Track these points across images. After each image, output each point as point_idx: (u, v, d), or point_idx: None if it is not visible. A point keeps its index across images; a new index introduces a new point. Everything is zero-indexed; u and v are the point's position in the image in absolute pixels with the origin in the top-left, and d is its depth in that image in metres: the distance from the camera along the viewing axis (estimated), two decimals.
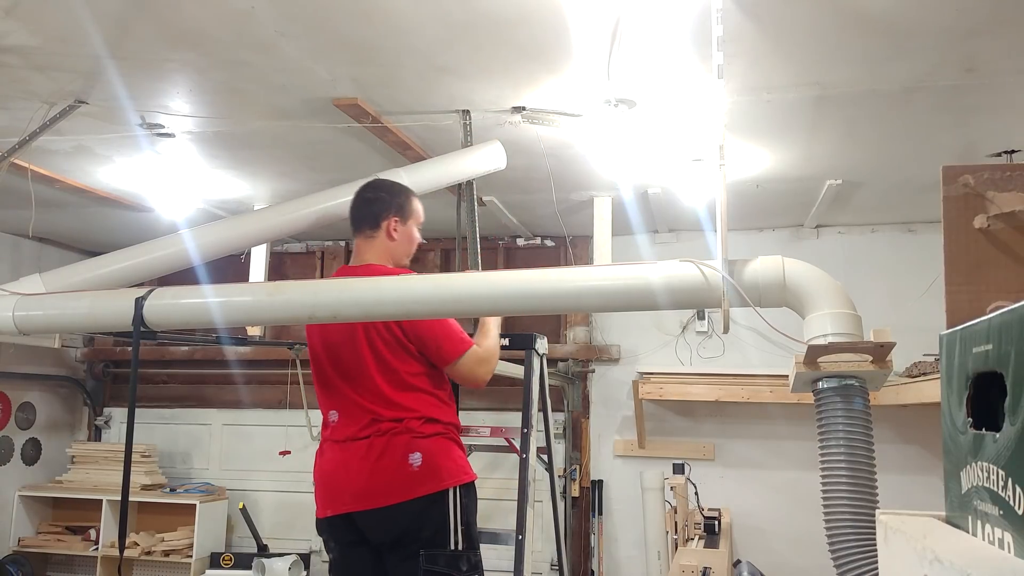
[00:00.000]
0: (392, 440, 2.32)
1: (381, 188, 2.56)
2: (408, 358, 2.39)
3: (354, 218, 2.52)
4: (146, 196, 4.26)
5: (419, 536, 2.29)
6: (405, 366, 2.38)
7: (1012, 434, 0.70)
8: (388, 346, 2.38)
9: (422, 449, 2.33)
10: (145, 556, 4.99)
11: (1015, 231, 1.18)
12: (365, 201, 2.51)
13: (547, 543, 4.68)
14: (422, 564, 2.27)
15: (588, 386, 5.04)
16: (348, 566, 2.44)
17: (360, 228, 2.50)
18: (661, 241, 4.98)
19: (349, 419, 2.41)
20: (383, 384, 2.36)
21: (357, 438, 2.37)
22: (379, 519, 2.32)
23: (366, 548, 2.40)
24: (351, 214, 2.54)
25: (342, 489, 2.36)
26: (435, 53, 2.58)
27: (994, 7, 2.24)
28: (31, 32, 2.47)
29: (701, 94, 2.83)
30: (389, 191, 2.54)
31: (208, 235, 2.68)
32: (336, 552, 2.45)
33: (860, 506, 1.59)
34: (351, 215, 2.54)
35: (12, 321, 2.40)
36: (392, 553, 2.34)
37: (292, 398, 5.34)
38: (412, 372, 2.39)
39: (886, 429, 4.31)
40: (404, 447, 2.32)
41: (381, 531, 2.33)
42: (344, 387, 2.42)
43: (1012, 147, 3.29)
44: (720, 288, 1.84)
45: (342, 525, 2.39)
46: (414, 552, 2.29)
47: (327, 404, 2.52)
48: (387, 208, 2.49)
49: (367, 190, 2.54)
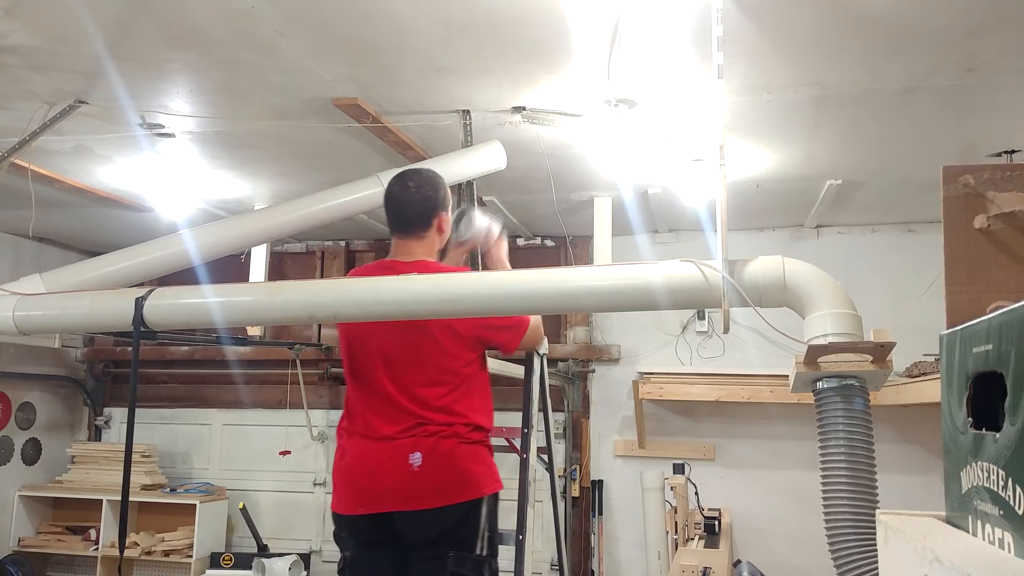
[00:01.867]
0: (439, 443, 2.29)
1: (427, 185, 2.42)
2: (463, 358, 2.36)
3: (402, 219, 2.40)
4: (146, 196, 4.26)
5: (454, 538, 2.29)
6: (458, 366, 2.35)
7: (1012, 434, 0.70)
8: (444, 345, 2.34)
9: (468, 456, 2.32)
10: (145, 556, 4.99)
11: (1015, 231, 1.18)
12: (416, 203, 2.39)
13: (547, 543, 4.68)
14: (450, 566, 2.26)
15: (588, 386, 5.05)
16: (366, 567, 2.39)
17: (411, 230, 2.40)
18: (661, 241, 4.98)
19: (389, 418, 2.34)
20: (433, 386, 2.33)
21: (398, 437, 2.31)
22: (424, 520, 2.28)
23: (387, 549, 2.35)
24: (398, 215, 2.41)
25: (382, 488, 2.30)
26: (435, 53, 2.58)
27: (994, 7, 2.24)
28: (31, 32, 2.47)
29: (701, 94, 2.83)
30: (434, 187, 2.43)
31: (208, 235, 2.68)
32: (353, 551, 2.39)
33: (860, 506, 1.59)
34: (398, 216, 2.41)
35: (12, 321, 2.40)
36: (421, 552, 2.32)
37: (292, 398, 5.34)
38: (463, 375, 2.36)
39: (886, 429, 4.31)
40: (451, 451, 2.30)
41: (423, 532, 2.30)
42: (388, 385, 2.35)
43: (1012, 147, 3.29)
44: (720, 288, 1.84)
45: (368, 525, 2.33)
46: (443, 553, 2.28)
47: (363, 400, 2.40)
48: (437, 205, 2.41)
49: (415, 190, 2.40)
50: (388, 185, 2.46)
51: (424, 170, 2.52)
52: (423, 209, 2.39)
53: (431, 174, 2.48)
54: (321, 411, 5.37)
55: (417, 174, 2.47)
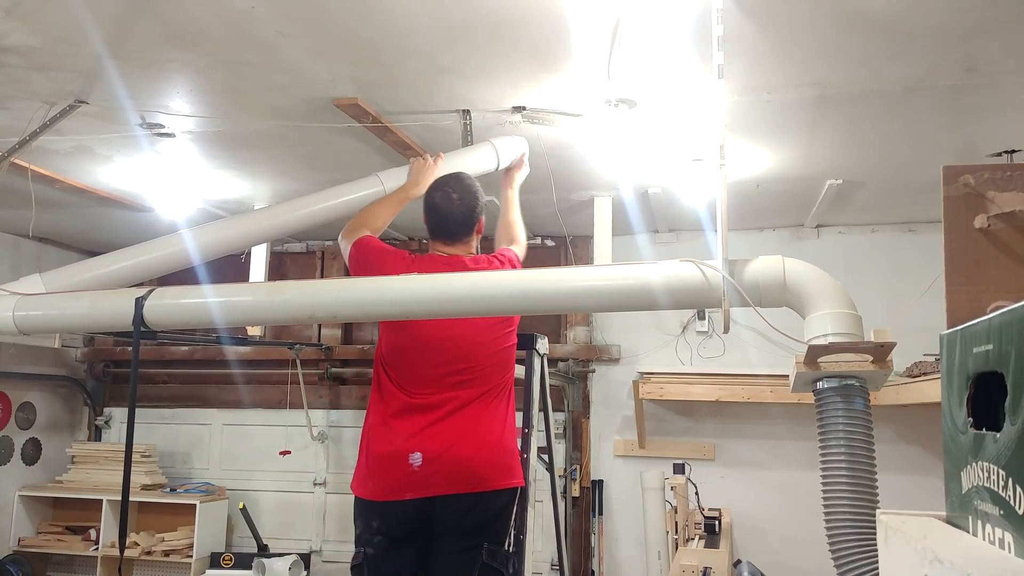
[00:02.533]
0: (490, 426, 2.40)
1: (469, 196, 2.51)
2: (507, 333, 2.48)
3: (447, 231, 2.50)
4: (146, 196, 4.26)
5: (489, 529, 2.32)
6: (506, 344, 2.47)
7: (1012, 434, 0.70)
8: (492, 325, 2.44)
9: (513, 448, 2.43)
10: (145, 556, 4.99)
11: (1015, 231, 1.18)
12: (462, 216, 2.49)
13: (547, 543, 4.68)
14: (483, 556, 2.29)
15: (588, 386, 5.04)
16: (392, 562, 2.34)
17: (457, 237, 2.51)
18: (661, 241, 4.98)
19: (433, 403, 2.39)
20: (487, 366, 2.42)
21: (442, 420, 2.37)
22: (466, 503, 2.32)
23: (416, 543, 2.34)
24: (444, 226, 2.49)
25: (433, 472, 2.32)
26: (435, 53, 2.58)
27: (994, 7, 2.23)
28: (31, 32, 2.47)
29: (701, 94, 2.83)
30: (476, 196, 2.52)
31: (208, 235, 2.67)
32: (382, 547, 2.34)
33: (860, 506, 1.59)
34: (444, 227, 2.50)
35: (12, 321, 2.40)
36: (455, 541, 2.32)
37: (292, 398, 5.34)
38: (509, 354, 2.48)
39: (886, 429, 4.31)
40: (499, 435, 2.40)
41: (469, 518, 2.32)
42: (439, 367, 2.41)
43: (1012, 147, 3.29)
44: (720, 288, 1.84)
45: (404, 513, 2.32)
46: (478, 544, 2.30)
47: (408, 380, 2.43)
48: (480, 213, 2.53)
49: (459, 202, 2.48)
50: (431, 195, 2.53)
51: (463, 177, 2.57)
52: (469, 221, 2.50)
53: (470, 182, 2.55)
54: (321, 411, 5.37)
55: (459, 183, 2.53)
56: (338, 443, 5.35)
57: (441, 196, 2.50)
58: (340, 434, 5.36)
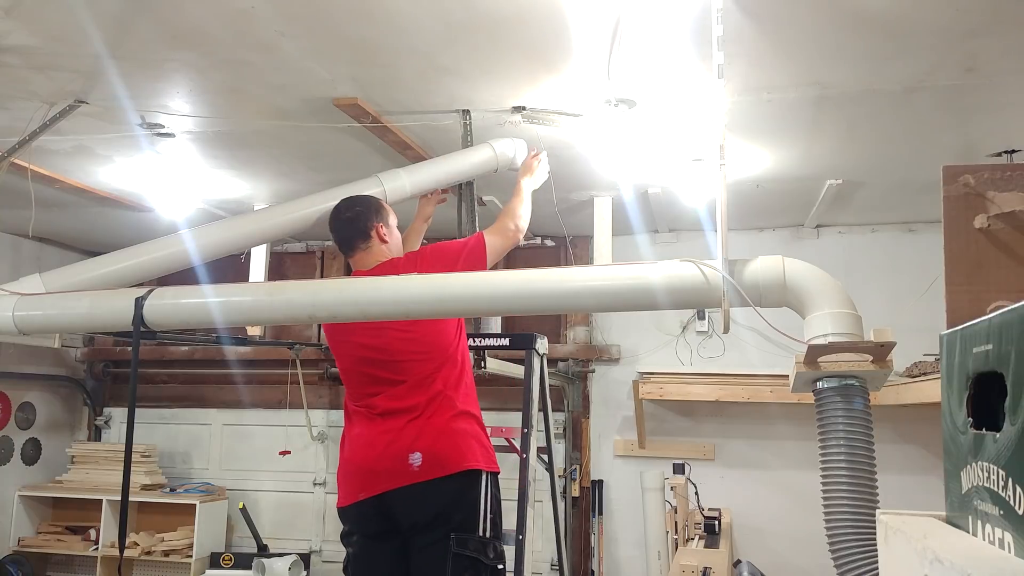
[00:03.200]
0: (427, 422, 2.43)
1: (355, 204, 2.63)
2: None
3: (343, 239, 2.61)
4: (146, 196, 4.26)
5: (451, 519, 2.34)
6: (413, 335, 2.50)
7: (1012, 434, 0.70)
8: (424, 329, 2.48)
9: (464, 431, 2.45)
10: (145, 556, 4.99)
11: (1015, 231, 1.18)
12: (347, 221, 2.60)
13: (547, 543, 4.68)
14: (452, 547, 2.31)
15: (588, 386, 5.04)
16: (369, 560, 2.44)
17: (354, 245, 2.59)
18: (661, 241, 4.98)
19: (387, 403, 2.48)
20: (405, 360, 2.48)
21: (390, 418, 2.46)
22: (412, 496, 2.36)
23: (391, 541, 2.41)
24: (338, 238, 2.62)
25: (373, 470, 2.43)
26: (435, 53, 2.58)
27: (994, 7, 2.23)
28: (31, 32, 2.47)
29: (701, 94, 2.83)
30: (363, 204, 2.63)
31: (208, 235, 2.67)
32: (359, 546, 2.46)
33: (860, 506, 1.59)
34: (339, 239, 2.62)
35: (12, 321, 2.40)
36: (421, 536, 2.37)
37: (292, 398, 5.34)
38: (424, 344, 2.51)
39: (886, 429, 4.31)
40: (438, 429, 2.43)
41: (424, 510, 2.35)
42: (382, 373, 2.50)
43: (1012, 147, 3.29)
44: (720, 288, 1.84)
45: (371, 512, 2.43)
46: (444, 535, 2.32)
47: (350, 388, 2.62)
48: (369, 217, 2.59)
49: (342, 212, 2.61)
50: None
51: (355, 197, 2.69)
52: (356, 225, 2.59)
53: (360, 197, 2.68)
54: (321, 411, 5.37)
55: (349, 200, 2.65)
56: (338, 443, 5.34)
57: (331, 217, 2.63)
58: (340, 434, 5.35)
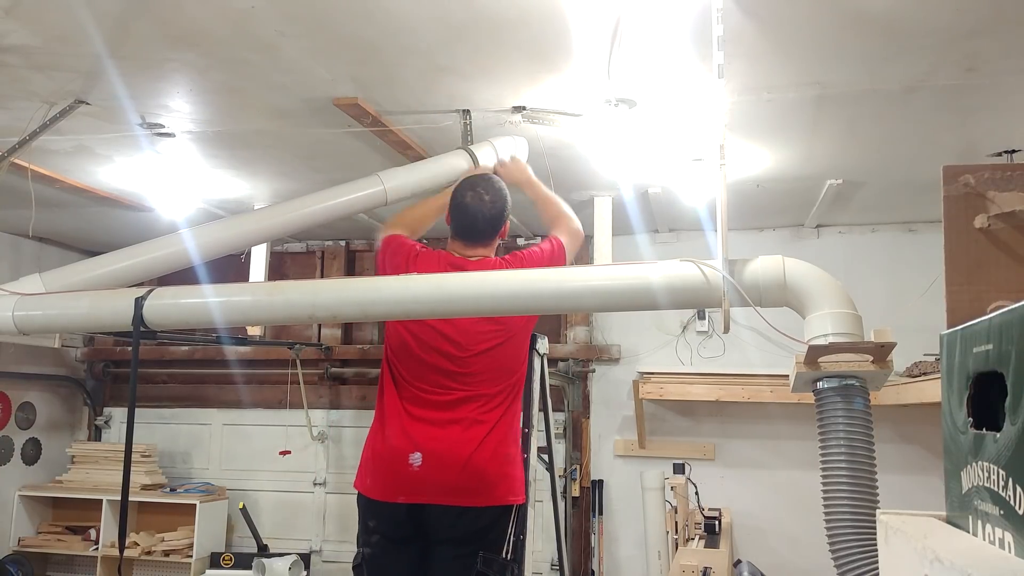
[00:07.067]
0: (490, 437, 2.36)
1: (499, 198, 2.49)
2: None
3: (476, 231, 2.47)
4: (146, 196, 4.26)
5: (484, 539, 2.31)
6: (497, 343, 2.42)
7: (1012, 434, 0.70)
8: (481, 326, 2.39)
9: (515, 458, 2.39)
10: (145, 556, 4.99)
11: (1015, 231, 1.18)
12: (492, 218, 2.48)
13: (547, 543, 4.67)
14: (478, 565, 2.27)
15: (588, 386, 5.04)
16: (390, 564, 2.35)
17: (482, 240, 2.49)
18: (661, 241, 4.98)
19: (440, 403, 2.38)
20: (481, 369, 2.39)
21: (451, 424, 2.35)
22: (454, 516, 2.30)
23: (414, 545, 2.34)
24: (473, 227, 2.46)
25: (430, 479, 2.31)
26: (435, 53, 2.58)
27: (994, 7, 2.23)
28: (31, 32, 2.47)
29: (701, 94, 2.83)
30: (504, 199, 2.51)
31: (208, 235, 2.67)
32: (380, 547, 2.35)
33: (860, 506, 1.59)
34: (472, 227, 2.47)
35: (12, 321, 2.40)
36: (448, 548, 2.32)
37: (292, 398, 5.34)
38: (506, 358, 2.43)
39: (886, 429, 4.31)
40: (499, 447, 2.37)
41: (459, 529, 2.31)
42: (449, 367, 2.39)
43: (1012, 147, 3.29)
44: (720, 288, 1.84)
45: (403, 518, 2.32)
46: (473, 552, 2.29)
47: (413, 378, 2.42)
48: (507, 216, 2.53)
49: (490, 203, 2.46)
50: (460, 193, 2.51)
51: (494, 179, 2.57)
52: (498, 223, 2.49)
53: (500, 185, 2.54)
54: (321, 411, 5.37)
55: (489, 184, 2.52)
56: (338, 443, 5.35)
57: (473, 196, 2.47)
58: (340, 434, 5.36)
